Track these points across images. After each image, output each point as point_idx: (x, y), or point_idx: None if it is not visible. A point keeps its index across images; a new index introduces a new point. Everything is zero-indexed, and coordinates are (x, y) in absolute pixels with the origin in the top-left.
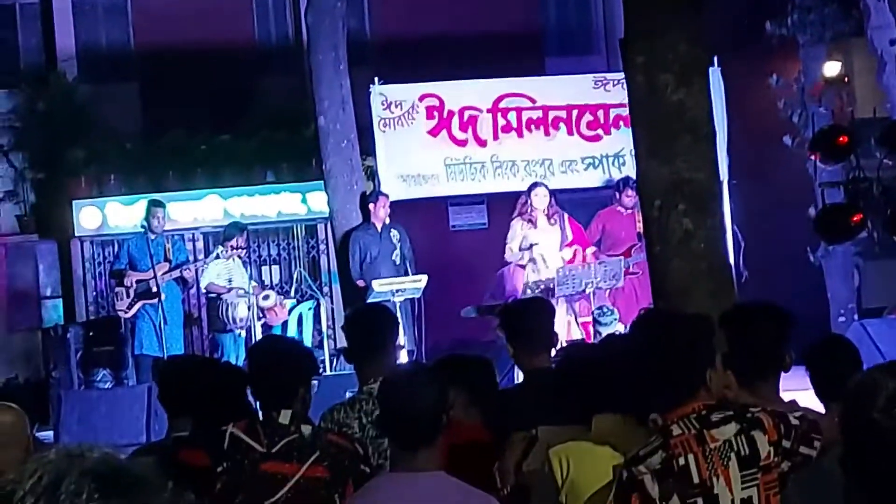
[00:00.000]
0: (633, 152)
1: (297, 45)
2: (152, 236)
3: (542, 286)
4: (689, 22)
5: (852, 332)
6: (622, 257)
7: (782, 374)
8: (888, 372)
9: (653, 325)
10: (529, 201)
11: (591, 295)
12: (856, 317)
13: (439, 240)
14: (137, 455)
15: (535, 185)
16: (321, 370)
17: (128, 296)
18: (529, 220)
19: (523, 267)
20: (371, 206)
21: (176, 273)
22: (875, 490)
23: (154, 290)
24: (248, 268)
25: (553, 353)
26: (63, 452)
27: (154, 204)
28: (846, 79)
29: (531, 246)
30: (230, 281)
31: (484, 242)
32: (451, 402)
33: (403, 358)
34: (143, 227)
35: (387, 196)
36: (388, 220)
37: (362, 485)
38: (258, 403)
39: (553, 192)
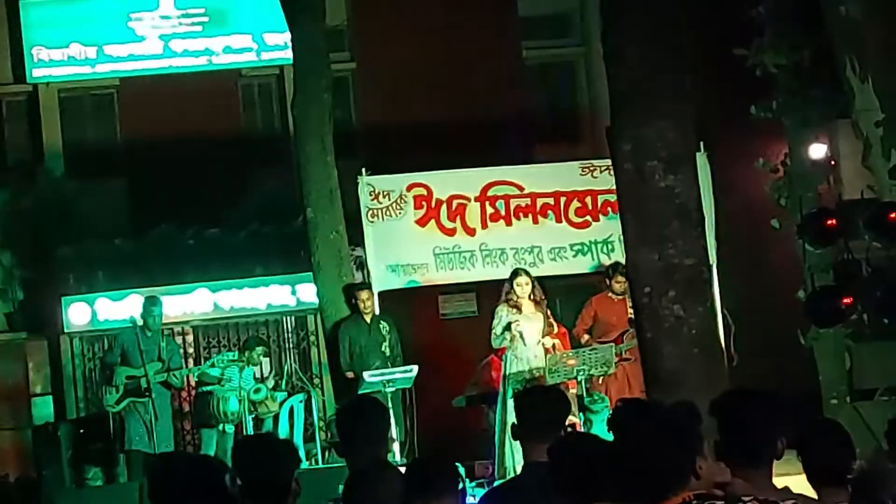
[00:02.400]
0: (621, 238)
1: (284, 134)
2: (148, 333)
3: (533, 374)
4: (676, 109)
5: (845, 415)
6: (614, 343)
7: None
8: None
9: (632, 418)
10: (512, 289)
11: (582, 382)
12: (848, 399)
13: (430, 329)
14: None
15: (515, 272)
16: (315, 463)
17: (117, 391)
18: (515, 306)
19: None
20: (353, 300)
21: (161, 377)
22: None
23: (144, 387)
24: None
25: None
26: None
27: (150, 301)
28: (832, 161)
29: (509, 324)
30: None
31: (474, 330)
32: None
33: (396, 450)
34: (132, 322)
35: (367, 288)
36: (377, 311)
37: None
38: (248, 501)
39: (539, 281)
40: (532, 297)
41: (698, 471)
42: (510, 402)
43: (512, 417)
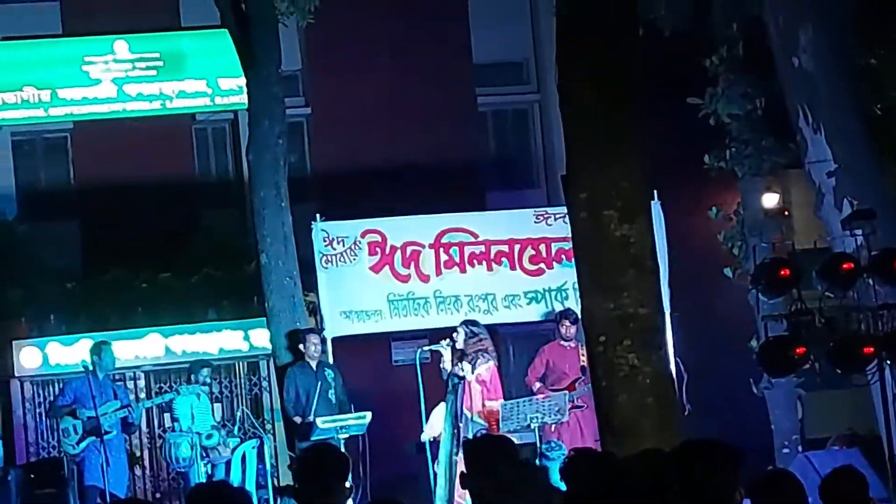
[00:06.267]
0: (575, 286)
1: (237, 179)
2: (99, 377)
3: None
4: (631, 158)
5: (797, 464)
6: (567, 391)
7: None
8: None
9: (590, 468)
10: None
11: (537, 430)
12: (800, 448)
13: (382, 375)
14: None
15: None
16: None
17: (76, 432)
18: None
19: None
20: (301, 345)
21: (122, 414)
22: None
23: (102, 427)
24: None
25: None
26: None
27: (100, 344)
28: (785, 211)
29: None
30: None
31: (427, 377)
32: None
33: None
34: (84, 367)
35: (316, 333)
36: (323, 358)
37: None
38: None
39: (493, 328)
40: (464, 349)
41: None
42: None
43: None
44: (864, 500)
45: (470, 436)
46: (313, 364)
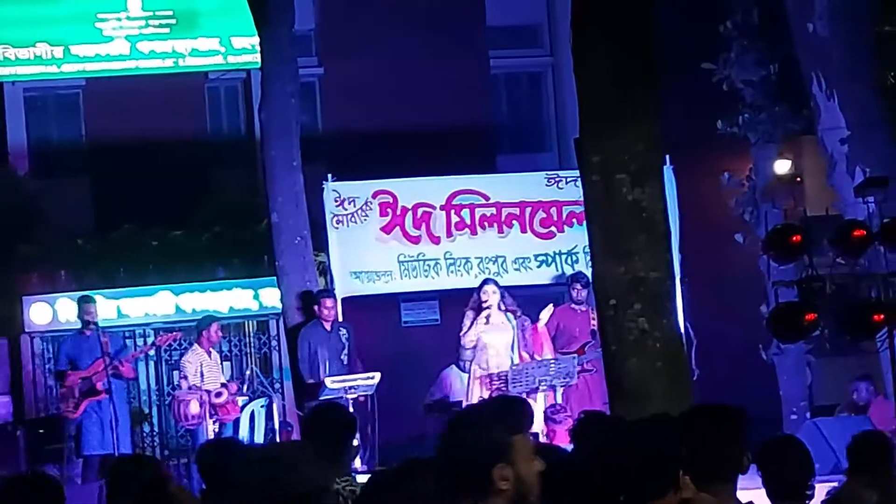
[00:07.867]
0: (586, 249)
1: (249, 138)
2: (87, 333)
3: (495, 384)
4: (645, 122)
5: (805, 430)
6: (576, 355)
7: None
8: (867, 483)
9: (601, 432)
10: (480, 298)
11: (544, 393)
12: (808, 415)
13: (391, 336)
14: None
15: (485, 281)
16: None
17: (73, 396)
18: (485, 317)
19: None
20: (315, 307)
21: (112, 370)
22: None
23: (98, 387)
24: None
25: None
26: None
27: (84, 300)
28: (797, 177)
29: (483, 347)
30: (206, 375)
31: (436, 339)
32: None
33: (357, 458)
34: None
35: (332, 297)
36: (337, 318)
37: None
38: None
39: (506, 290)
40: (500, 306)
41: (681, 484)
42: None
43: None
44: (888, 466)
45: None
46: (327, 325)
